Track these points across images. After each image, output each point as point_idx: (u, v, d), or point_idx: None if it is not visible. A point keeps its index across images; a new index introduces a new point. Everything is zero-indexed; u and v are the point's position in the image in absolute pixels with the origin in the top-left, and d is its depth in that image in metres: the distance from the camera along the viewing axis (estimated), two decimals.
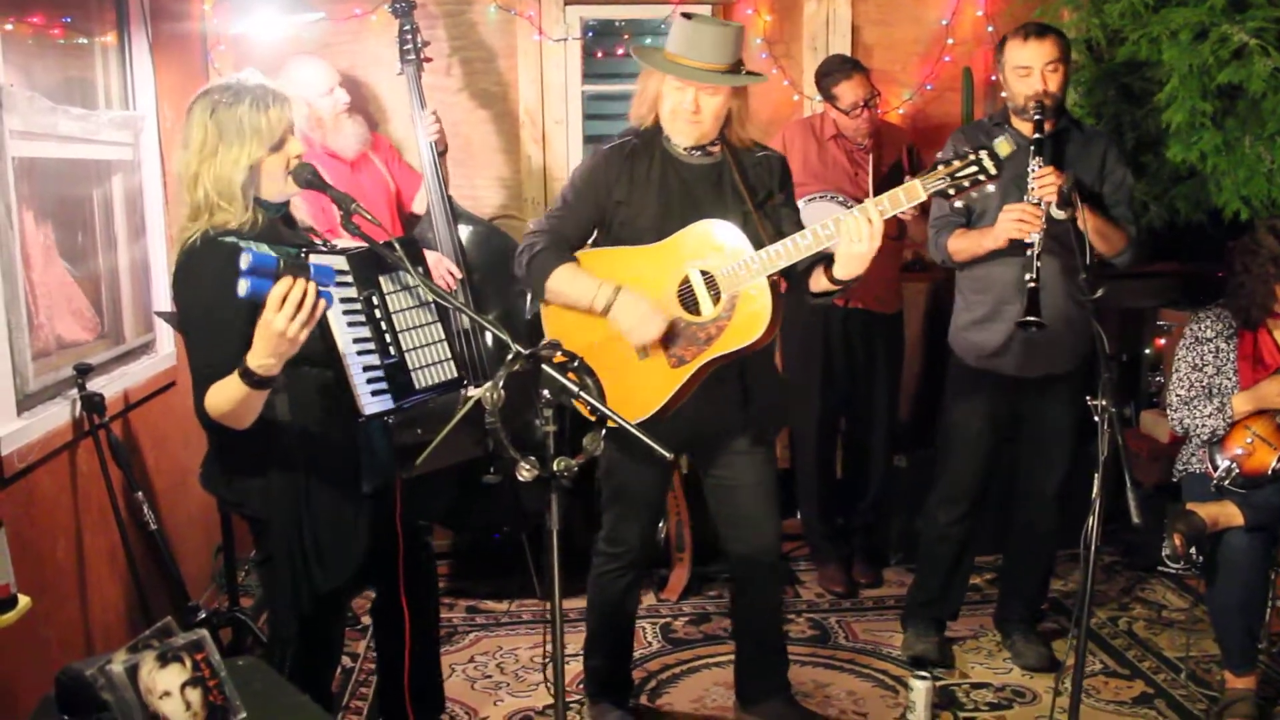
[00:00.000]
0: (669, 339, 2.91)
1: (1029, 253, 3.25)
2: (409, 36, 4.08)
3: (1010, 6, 4.68)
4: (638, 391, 2.92)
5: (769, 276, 2.83)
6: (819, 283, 2.88)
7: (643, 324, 2.87)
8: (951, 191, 2.72)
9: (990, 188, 2.73)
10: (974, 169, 2.70)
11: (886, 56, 4.89)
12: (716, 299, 2.87)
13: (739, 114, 2.96)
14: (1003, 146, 2.72)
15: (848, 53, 4.66)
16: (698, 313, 2.90)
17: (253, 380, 2.22)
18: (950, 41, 4.85)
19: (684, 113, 2.88)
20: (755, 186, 2.98)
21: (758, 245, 2.83)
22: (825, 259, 2.84)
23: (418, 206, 4.24)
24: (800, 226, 2.87)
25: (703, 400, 2.97)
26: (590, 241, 3.09)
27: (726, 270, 2.85)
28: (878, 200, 2.73)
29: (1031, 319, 3.19)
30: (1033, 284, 3.21)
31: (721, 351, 2.88)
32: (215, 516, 3.89)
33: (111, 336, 3.64)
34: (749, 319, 2.84)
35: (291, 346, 2.19)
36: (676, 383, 2.90)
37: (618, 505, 3.19)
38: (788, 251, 2.80)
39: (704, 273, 2.88)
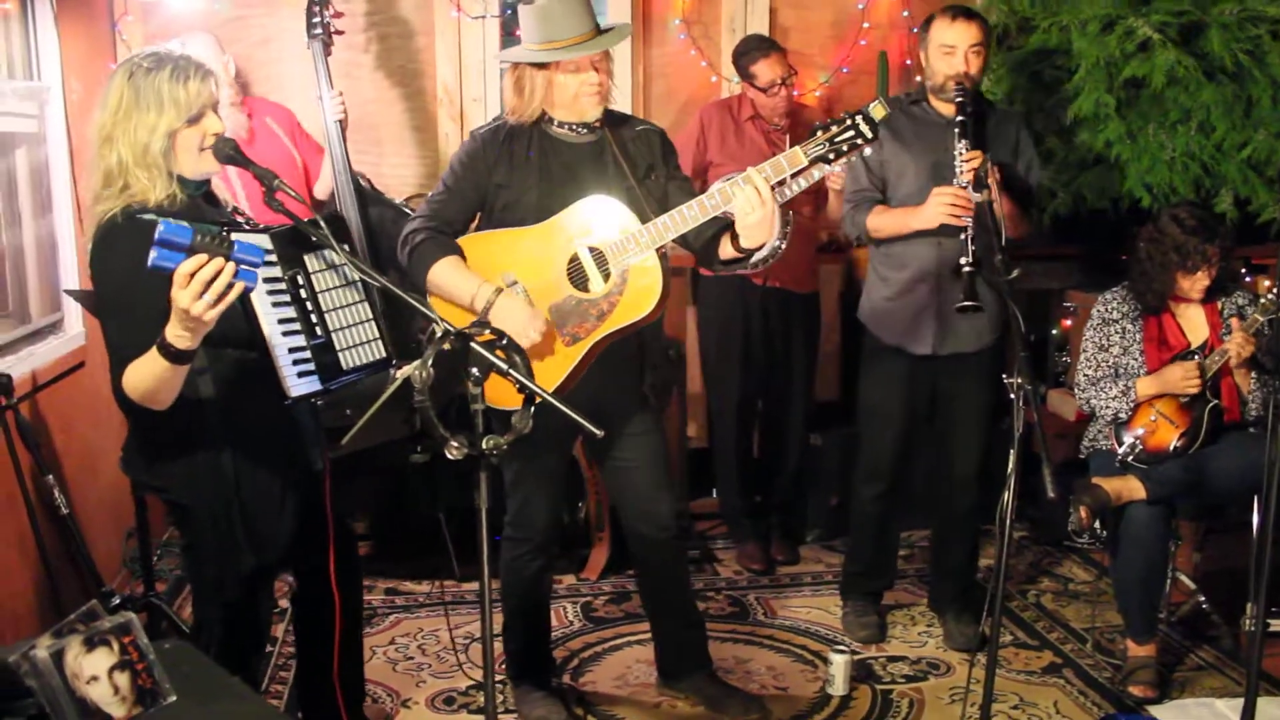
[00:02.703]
0: (561, 318, 2.91)
1: (962, 236, 3.30)
2: (317, 9, 3.93)
3: None
4: (533, 372, 2.92)
5: (658, 249, 2.85)
6: (726, 251, 2.92)
7: (521, 330, 2.85)
8: (831, 156, 2.76)
9: (868, 150, 2.78)
10: (851, 133, 2.75)
11: (803, 39, 4.93)
12: (607, 275, 2.89)
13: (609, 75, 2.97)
14: (877, 110, 2.77)
15: (766, 34, 4.69)
16: (588, 290, 2.91)
17: (170, 353, 2.14)
18: (866, 25, 4.91)
19: (590, 89, 2.89)
20: (637, 161, 3.00)
21: (643, 219, 2.85)
22: (730, 227, 2.87)
23: (320, 190, 4.10)
24: (691, 197, 2.90)
25: (599, 381, 2.97)
26: (474, 225, 3.08)
27: (615, 245, 2.86)
28: (760, 168, 2.77)
29: (969, 303, 3.26)
30: (969, 268, 3.28)
31: (615, 327, 2.89)
32: (126, 499, 3.80)
33: (17, 316, 3.53)
34: (641, 293, 2.86)
35: (199, 326, 2.12)
36: (571, 361, 2.91)
37: (520, 489, 3.18)
38: (675, 223, 2.83)
39: (593, 249, 2.89)
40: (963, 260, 3.30)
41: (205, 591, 2.53)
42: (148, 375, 2.19)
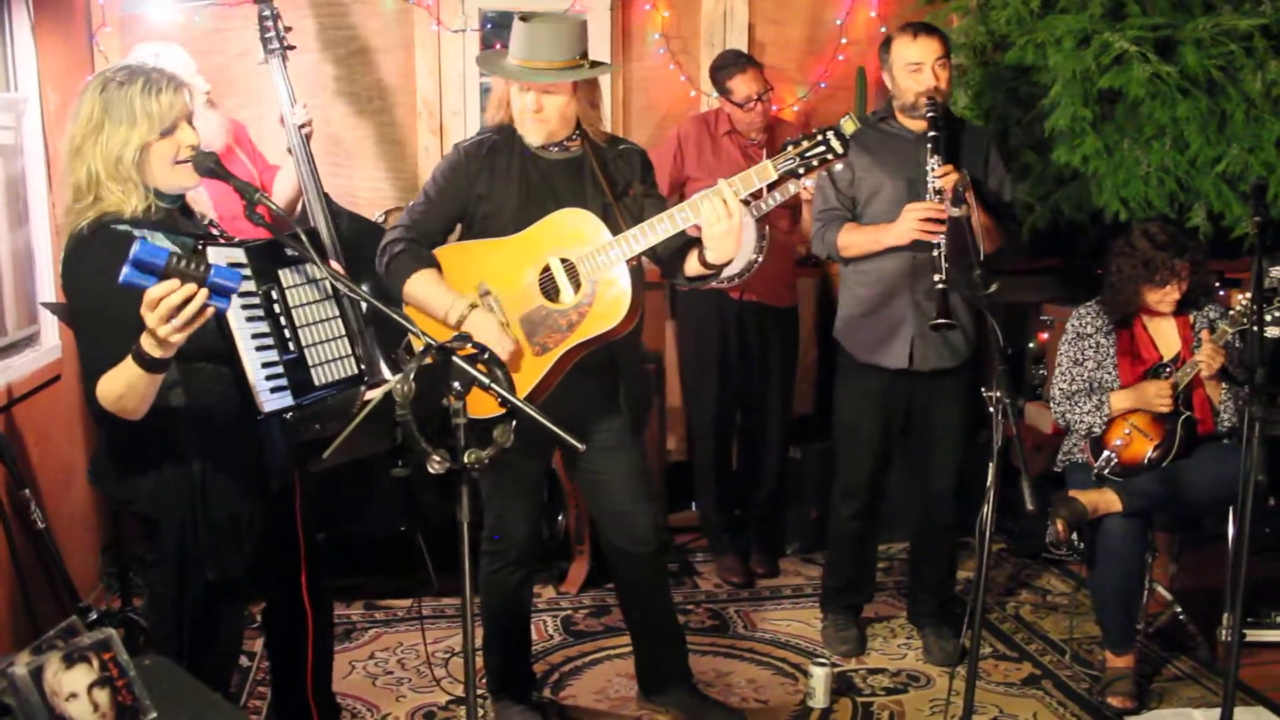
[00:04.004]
0: (531, 327, 2.94)
1: (935, 254, 3.32)
2: (269, 24, 3.83)
3: (902, 9, 4.80)
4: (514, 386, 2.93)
5: (629, 261, 2.88)
6: (693, 266, 2.94)
7: (491, 345, 2.85)
8: (801, 171, 2.79)
9: (839, 166, 2.80)
10: (822, 148, 2.77)
11: (781, 54, 4.96)
12: (578, 286, 2.91)
13: (590, 107, 3.00)
14: (847, 125, 2.80)
15: (744, 49, 4.72)
16: (559, 300, 2.93)
17: (145, 361, 2.13)
18: (844, 41, 4.94)
19: (528, 113, 2.93)
20: (615, 178, 3.03)
21: (618, 234, 2.88)
22: (698, 243, 2.90)
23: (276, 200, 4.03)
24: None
25: (574, 394, 2.98)
26: (456, 235, 3.11)
27: (586, 257, 2.89)
28: (730, 181, 2.79)
29: (943, 321, 3.28)
30: (942, 285, 3.29)
31: (584, 337, 2.91)
32: (102, 514, 3.78)
33: None
34: (610, 304, 2.89)
35: (166, 346, 2.11)
36: (541, 370, 2.93)
37: (497, 500, 3.19)
38: (645, 236, 2.86)
39: (564, 260, 2.92)
40: (936, 278, 3.32)
41: (164, 605, 2.51)
42: (121, 383, 2.19)
